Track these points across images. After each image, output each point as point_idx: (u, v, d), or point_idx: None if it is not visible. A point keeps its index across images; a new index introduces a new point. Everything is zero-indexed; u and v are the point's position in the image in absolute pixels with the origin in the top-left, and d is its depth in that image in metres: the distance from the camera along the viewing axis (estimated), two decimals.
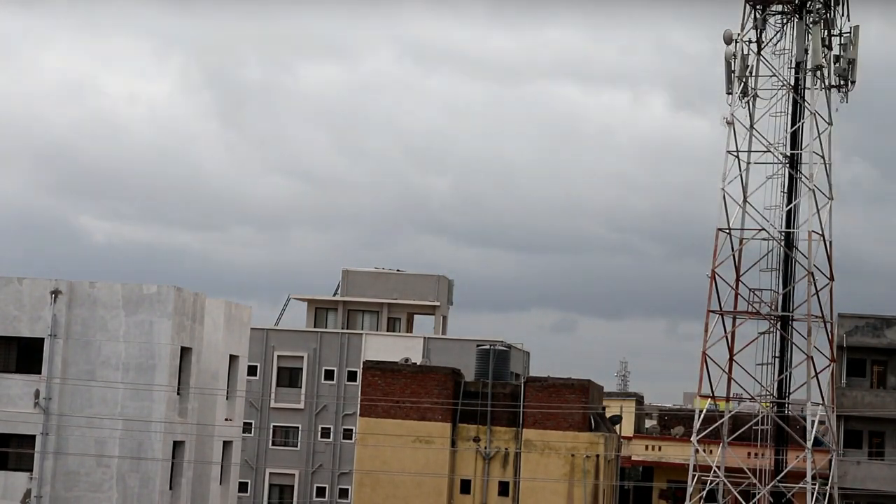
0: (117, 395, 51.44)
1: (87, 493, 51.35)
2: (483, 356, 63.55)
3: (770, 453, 59.49)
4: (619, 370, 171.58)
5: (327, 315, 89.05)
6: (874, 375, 70.57)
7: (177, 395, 52.90)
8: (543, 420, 60.48)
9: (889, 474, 68.80)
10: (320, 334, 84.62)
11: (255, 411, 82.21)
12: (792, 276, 59.29)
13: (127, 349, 51.71)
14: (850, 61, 59.65)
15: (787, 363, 59.08)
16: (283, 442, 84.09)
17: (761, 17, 59.79)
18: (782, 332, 58.88)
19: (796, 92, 59.51)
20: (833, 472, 60.39)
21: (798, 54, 59.40)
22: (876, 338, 69.40)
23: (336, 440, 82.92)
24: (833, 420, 62.21)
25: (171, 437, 52.36)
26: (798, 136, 59.54)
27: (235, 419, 59.26)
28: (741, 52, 59.25)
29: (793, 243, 59.30)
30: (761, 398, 59.05)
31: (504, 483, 60.86)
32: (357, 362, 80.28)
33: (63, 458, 51.32)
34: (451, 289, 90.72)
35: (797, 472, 59.86)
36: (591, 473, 60.31)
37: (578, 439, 60.18)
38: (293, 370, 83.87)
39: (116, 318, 51.86)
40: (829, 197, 59.55)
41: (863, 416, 69.11)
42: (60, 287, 51.95)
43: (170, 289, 52.02)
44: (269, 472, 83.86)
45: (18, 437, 51.75)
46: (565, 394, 60.83)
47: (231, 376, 58.50)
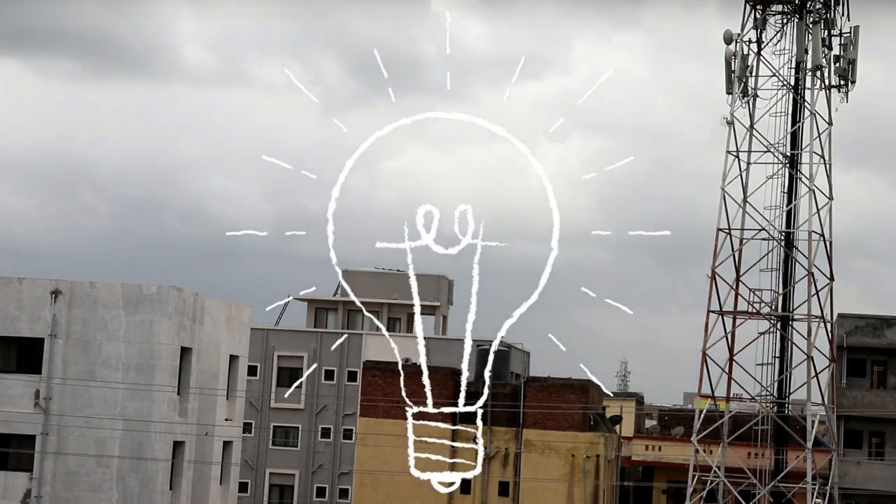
0: (117, 395, 51.41)
1: (87, 493, 51.32)
2: (483, 356, 63.55)
3: (770, 453, 59.52)
4: (619, 370, 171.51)
5: (327, 315, 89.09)
6: (874, 375, 70.54)
7: (177, 395, 52.89)
8: (543, 420, 60.51)
9: (889, 474, 68.78)
10: (320, 334, 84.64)
11: (255, 411, 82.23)
12: (792, 276, 59.31)
13: (127, 349, 51.69)
14: (851, 61, 59.66)
15: (787, 363, 59.09)
16: (283, 442, 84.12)
17: (761, 17, 59.80)
18: (782, 332, 58.89)
19: (796, 92, 59.51)
20: (833, 473, 60.40)
21: (798, 54, 59.40)
22: (876, 338, 69.38)
23: (336, 440, 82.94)
24: (833, 420, 62.24)
25: (171, 437, 52.35)
26: (798, 136, 59.54)
27: (235, 419, 59.25)
28: (741, 52, 59.27)
29: (793, 243, 59.30)
30: (761, 398, 59.07)
31: (504, 483, 60.89)
32: (357, 362, 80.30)
33: (63, 458, 51.29)
34: (451, 289, 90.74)
35: (797, 473, 59.87)
36: (592, 473, 60.32)
37: (578, 439, 60.21)
38: (293, 370, 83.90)
39: (116, 318, 51.83)
40: (829, 197, 59.57)
41: (863, 416, 69.09)
42: (60, 287, 51.94)
43: (170, 289, 52.00)
44: (269, 472, 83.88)
45: (18, 437, 51.70)
46: (565, 394, 60.86)
47: (231, 376, 58.48)
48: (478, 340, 78.65)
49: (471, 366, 65.41)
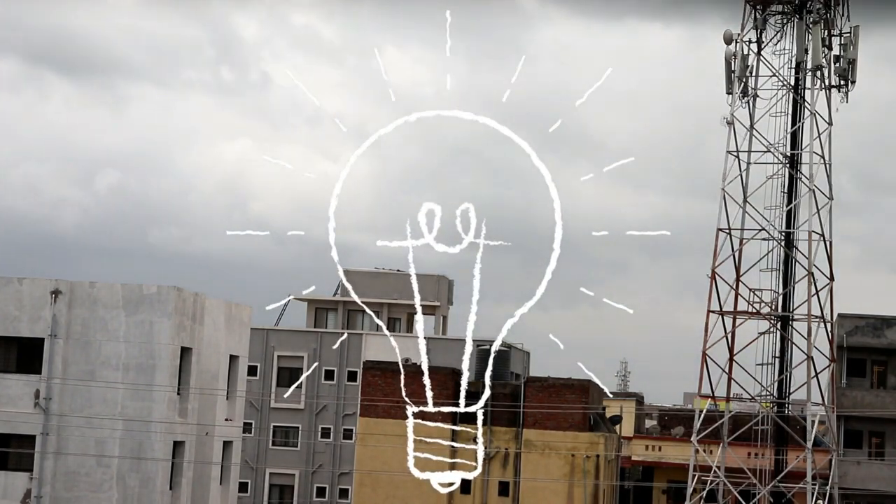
0: (117, 395, 51.42)
1: (87, 493, 51.32)
2: (483, 356, 63.53)
3: (770, 453, 59.49)
4: (619, 370, 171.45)
5: (327, 315, 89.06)
6: (874, 375, 70.53)
7: (177, 395, 52.89)
8: (543, 420, 60.52)
9: (889, 474, 68.76)
10: (320, 334, 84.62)
11: (255, 411, 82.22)
12: (792, 276, 59.30)
13: (127, 349, 51.69)
14: (851, 61, 59.64)
15: (787, 363, 59.07)
16: (283, 442, 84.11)
17: (761, 17, 59.79)
18: (782, 332, 58.88)
19: (796, 92, 59.50)
20: (833, 473, 60.37)
21: (798, 54, 59.38)
22: (876, 338, 69.37)
23: (336, 440, 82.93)
24: (833, 420, 62.21)
25: (171, 437, 52.35)
26: (798, 136, 59.54)
27: (235, 419, 59.25)
28: (741, 52, 59.26)
29: (793, 243, 59.30)
30: (761, 398, 59.05)
31: (504, 483, 60.88)
32: (357, 362, 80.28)
33: (63, 458, 51.29)
34: (451, 289, 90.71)
35: (797, 473, 59.86)
36: (591, 473, 60.32)
37: (578, 439, 60.21)
38: (293, 370, 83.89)
39: (116, 318, 51.84)
40: (829, 197, 59.56)
41: (863, 416, 69.07)
42: (60, 287, 51.94)
43: (170, 289, 52.00)
44: (269, 472, 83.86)
45: (18, 437, 51.72)
46: (565, 394, 60.86)
47: (231, 376, 58.48)
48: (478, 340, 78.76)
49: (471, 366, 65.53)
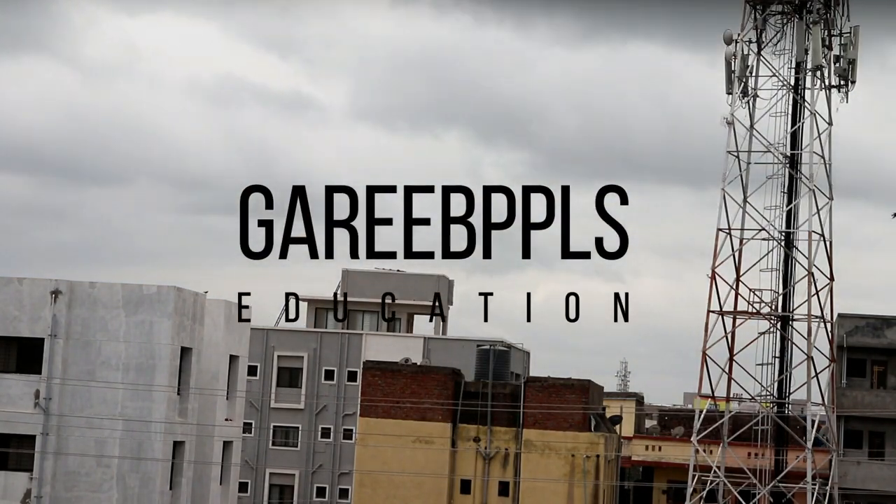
0: (117, 395, 51.41)
1: (87, 493, 51.32)
2: (483, 356, 63.55)
3: (770, 453, 59.52)
4: (619, 370, 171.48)
5: (327, 315, 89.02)
6: (874, 375, 70.51)
7: (177, 396, 52.89)
8: (543, 420, 60.49)
9: (889, 475, 68.76)
10: (320, 334, 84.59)
11: (255, 411, 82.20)
12: (792, 276, 59.31)
13: (127, 349, 51.69)
14: (851, 61, 59.66)
15: (787, 363, 59.09)
16: (283, 442, 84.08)
17: (761, 17, 59.80)
18: (782, 332, 58.90)
19: (796, 92, 59.52)
20: (833, 473, 60.38)
21: (798, 54, 59.38)
22: (876, 338, 69.36)
23: (336, 440, 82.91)
24: (833, 420, 62.23)
25: (171, 437, 52.35)
26: (798, 136, 59.55)
27: (235, 419, 59.25)
28: (741, 52, 59.27)
29: (793, 243, 59.31)
30: (761, 398, 59.07)
31: (504, 483, 60.87)
32: (357, 362, 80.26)
33: (63, 458, 51.30)
34: (451, 289, 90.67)
35: (797, 473, 59.86)
36: (591, 474, 60.32)
37: (578, 439, 60.20)
38: (293, 370, 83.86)
39: (116, 319, 51.83)
40: (829, 197, 59.57)
41: (863, 417, 69.06)
42: (60, 287, 51.94)
43: (170, 289, 52.00)
44: (269, 473, 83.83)
45: (18, 437, 51.72)
46: (565, 394, 60.85)
47: (231, 376, 58.48)
48: (478, 340, 78.85)
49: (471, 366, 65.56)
